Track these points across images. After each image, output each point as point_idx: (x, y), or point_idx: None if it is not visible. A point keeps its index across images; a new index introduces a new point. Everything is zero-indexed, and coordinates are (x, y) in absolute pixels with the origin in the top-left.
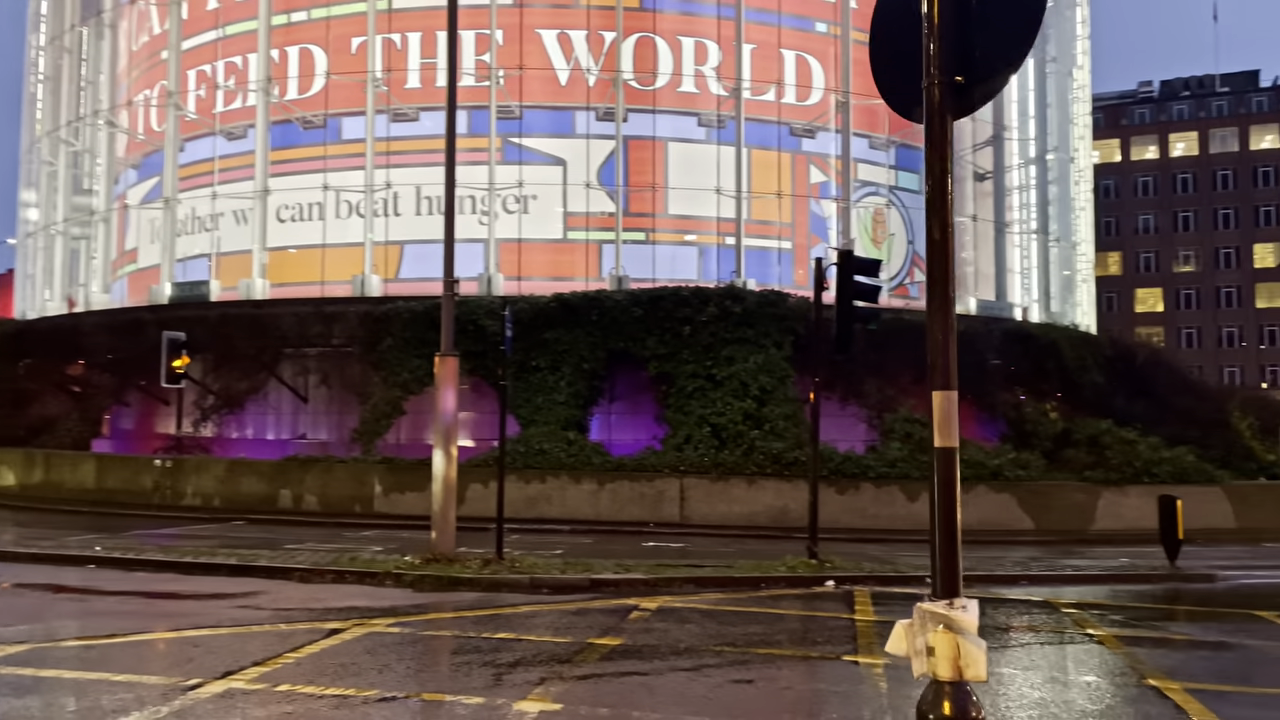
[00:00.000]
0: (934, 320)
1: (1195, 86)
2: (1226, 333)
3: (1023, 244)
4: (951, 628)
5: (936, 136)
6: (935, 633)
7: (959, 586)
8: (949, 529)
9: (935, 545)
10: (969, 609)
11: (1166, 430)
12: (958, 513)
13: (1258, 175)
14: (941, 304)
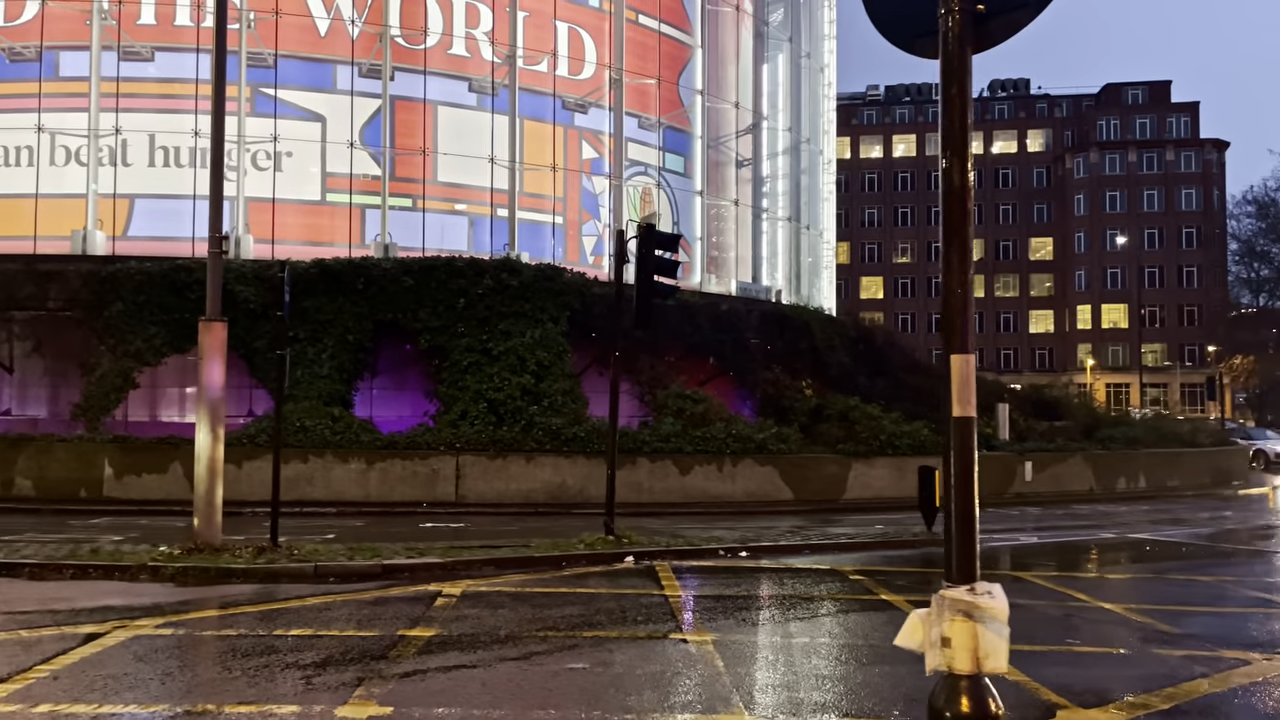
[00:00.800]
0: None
1: (915, 93)
2: (936, 319)
3: (770, 230)
4: (974, 616)
5: (955, 69)
6: (952, 622)
7: (976, 570)
8: (966, 507)
9: (951, 525)
10: (995, 594)
11: (903, 406)
12: (975, 490)
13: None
14: (960, 259)
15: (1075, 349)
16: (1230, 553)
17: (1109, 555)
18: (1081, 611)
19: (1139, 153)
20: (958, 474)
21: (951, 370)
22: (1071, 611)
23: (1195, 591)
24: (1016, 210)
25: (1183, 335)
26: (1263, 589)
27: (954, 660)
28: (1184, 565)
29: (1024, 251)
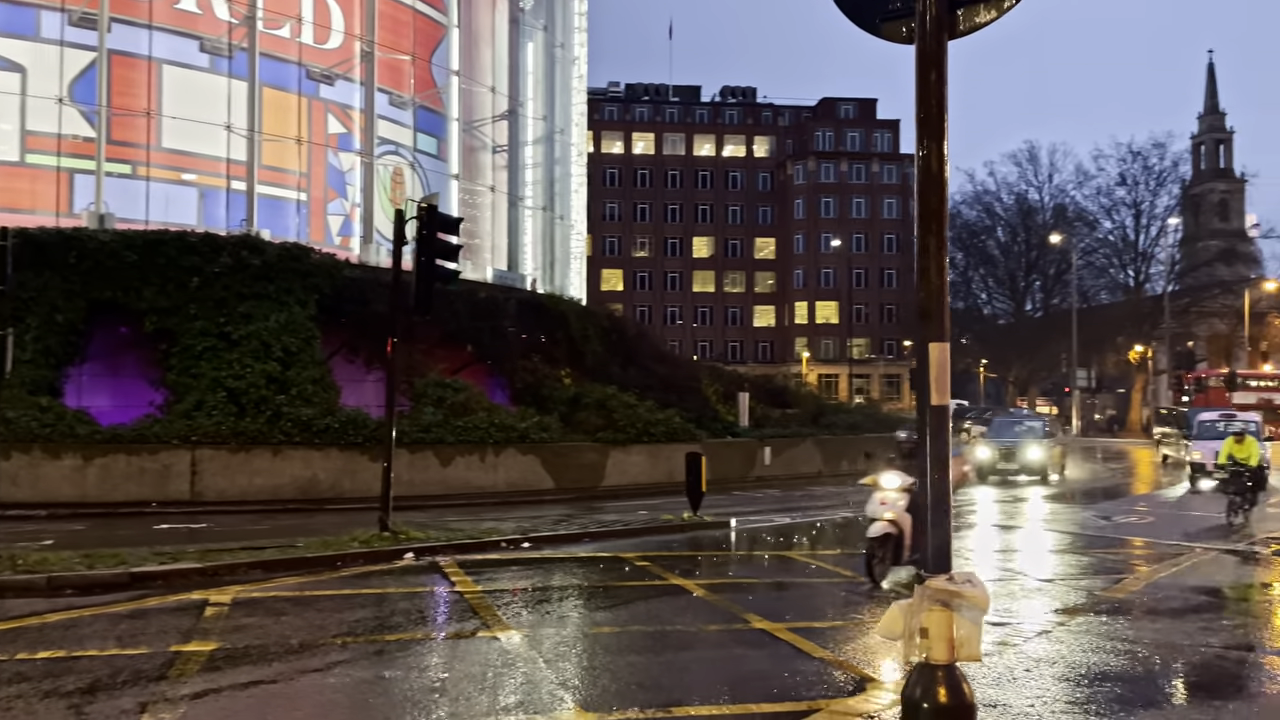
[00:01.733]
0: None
1: (653, 93)
2: (670, 311)
3: (526, 219)
4: (952, 605)
5: (932, 54)
6: (930, 612)
7: (950, 559)
8: (941, 496)
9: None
10: (976, 583)
11: (655, 395)
12: (949, 477)
13: (699, 177)
14: (938, 245)
15: (793, 342)
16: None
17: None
18: (856, 586)
19: (850, 163)
20: (933, 463)
21: (930, 358)
22: (852, 587)
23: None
24: (744, 211)
25: (884, 331)
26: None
27: (931, 650)
28: None
29: (750, 250)
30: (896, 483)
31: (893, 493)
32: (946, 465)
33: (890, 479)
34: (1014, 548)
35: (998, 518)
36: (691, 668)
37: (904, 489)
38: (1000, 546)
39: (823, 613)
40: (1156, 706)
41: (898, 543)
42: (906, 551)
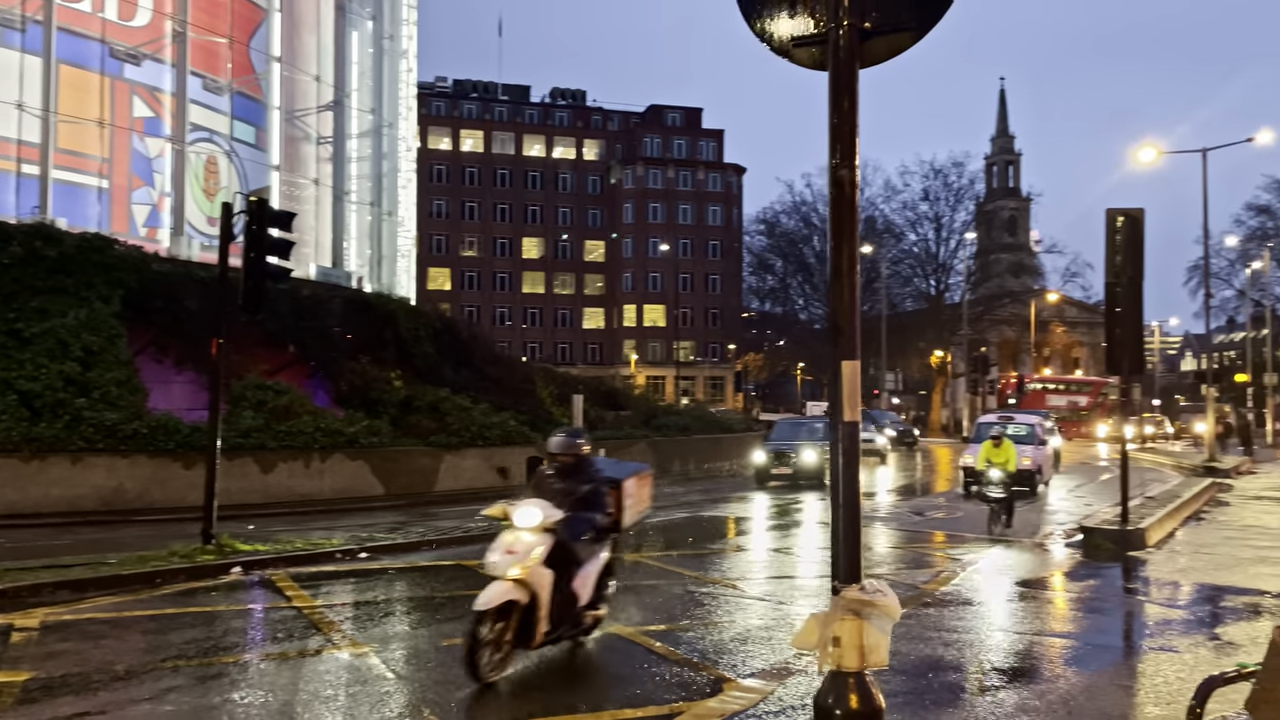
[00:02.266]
0: (842, 282)
1: (483, 90)
2: (499, 312)
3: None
4: (863, 614)
5: (845, 82)
6: (842, 621)
7: (861, 569)
8: (853, 509)
9: (838, 527)
10: (886, 593)
11: (489, 398)
12: (859, 491)
13: (528, 178)
14: (850, 265)
15: (622, 344)
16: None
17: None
18: (704, 586)
19: (677, 170)
20: (845, 477)
21: (842, 376)
22: (694, 587)
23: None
24: (573, 213)
25: (708, 334)
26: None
27: (843, 658)
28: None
29: (580, 252)
30: (535, 519)
31: (528, 535)
32: (857, 477)
33: (527, 514)
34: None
35: (775, 523)
36: (565, 677)
37: (544, 528)
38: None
39: (675, 614)
40: (983, 691)
41: (527, 617)
42: (541, 631)
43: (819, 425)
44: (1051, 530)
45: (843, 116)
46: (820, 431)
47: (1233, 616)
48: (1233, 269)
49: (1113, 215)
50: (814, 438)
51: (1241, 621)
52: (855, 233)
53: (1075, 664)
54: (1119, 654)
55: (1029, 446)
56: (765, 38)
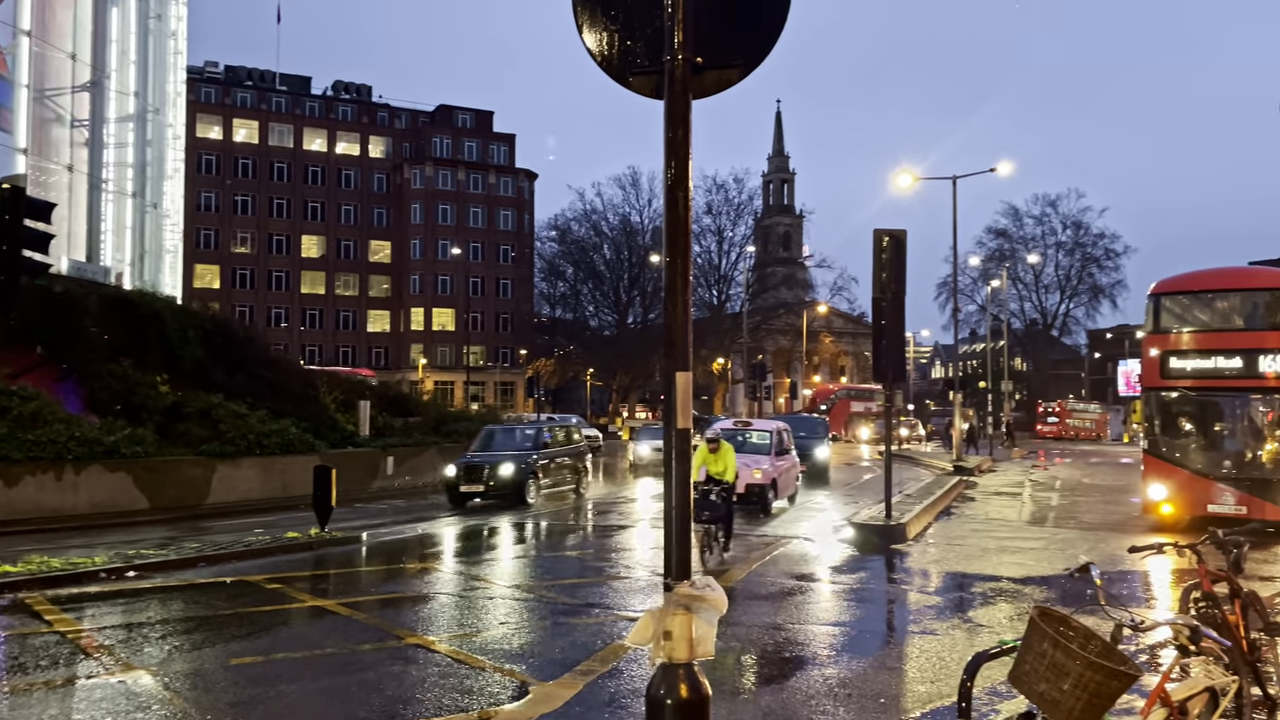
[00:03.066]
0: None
1: (258, 79)
2: (275, 312)
3: (111, 205)
4: (692, 608)
5: (679, 112)
6: (674, 616)
7: (691, 567)
8: (684, 513)
9: (671, 530)
10: (715, 588)
11: (267, 404)
12: (690, 495)
13: (309, 173)
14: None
15: (409, 348)
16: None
17: (488, 540)
18: (507, 593)
19: (467, 172)
20: (678, 481)
21: (675, 386)
22: (502, 593)
23: (571, 565)
24: (358, 212)
25: (498, 339)
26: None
27: (674, 651)
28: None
29: (364, 253)
30: None
31: None
32: (689, 483)
33: None
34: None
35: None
36: (352, 690)
37: None
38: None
39: (472, 623)
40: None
41: None
42: None
43: (530, 431)
44: (823, 526)
45: (676, 144)
46: (528, 440)
47: (980, 600)
48: (975, 286)
49: (879, 235)
50: (518, 448)
51: (988, 605)
52: (689, 252)
53: (851, 650)
54: (887, 639)
55: (764, 457)
56: (603, 65)
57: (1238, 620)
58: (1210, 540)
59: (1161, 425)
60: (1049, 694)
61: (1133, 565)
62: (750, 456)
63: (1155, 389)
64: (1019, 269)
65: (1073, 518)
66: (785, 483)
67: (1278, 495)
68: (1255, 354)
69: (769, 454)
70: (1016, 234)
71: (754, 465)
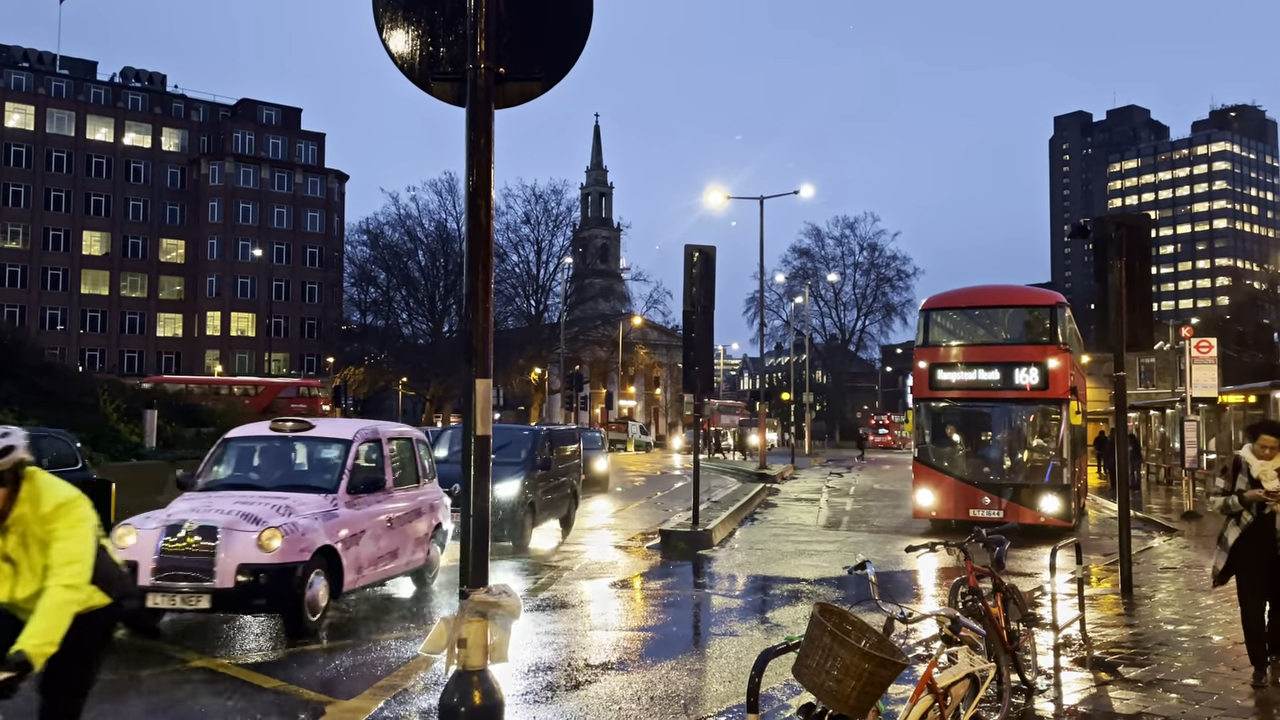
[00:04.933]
0: (476, 307)
1: (35, 60)
2: (50, 314)
3: None
4: (489, 614)
5: (482, 120)
6: (469, 623)
7: (488, 574)
8: (482, 521)
9: (468, 537)
10: (510, 594)
11: (38, 413)
12: (489, 502)
13: (92, 164)
14: (485, 290)
15: (204, 354)
16: None
17: None
18: None
19: (272, 170)
20: (476, 488)
21: (476, 394)
22: None
23: None
24: (148, 208)
25: (304, 346)
26: None
27: (469, 658)
28: None
29: (155, 252)
30: None
31: None
32: (487, 491)
33: None
34: None
35: None
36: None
37: None
38: None
39: (266, 644)
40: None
41: None
42: None
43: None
44: (636, 533)
45: (479, 153)
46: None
47: (779, 601)
48: (781, 302)
49: (690, 250)
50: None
51: (786, 605)
52: (490, 261)
53: (656, 653)
54: (691, 641)
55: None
56: (405, 69)
57: (999, 612)
58: (976, 539)
59: (930, 434)
60: (827, 684)
61: (911, 564)
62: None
63: (924, 399)
64: (820, 287)
65: (864, 521)
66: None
67: (1033, 500)
68: (1012, 366)
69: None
70: (819, 253)
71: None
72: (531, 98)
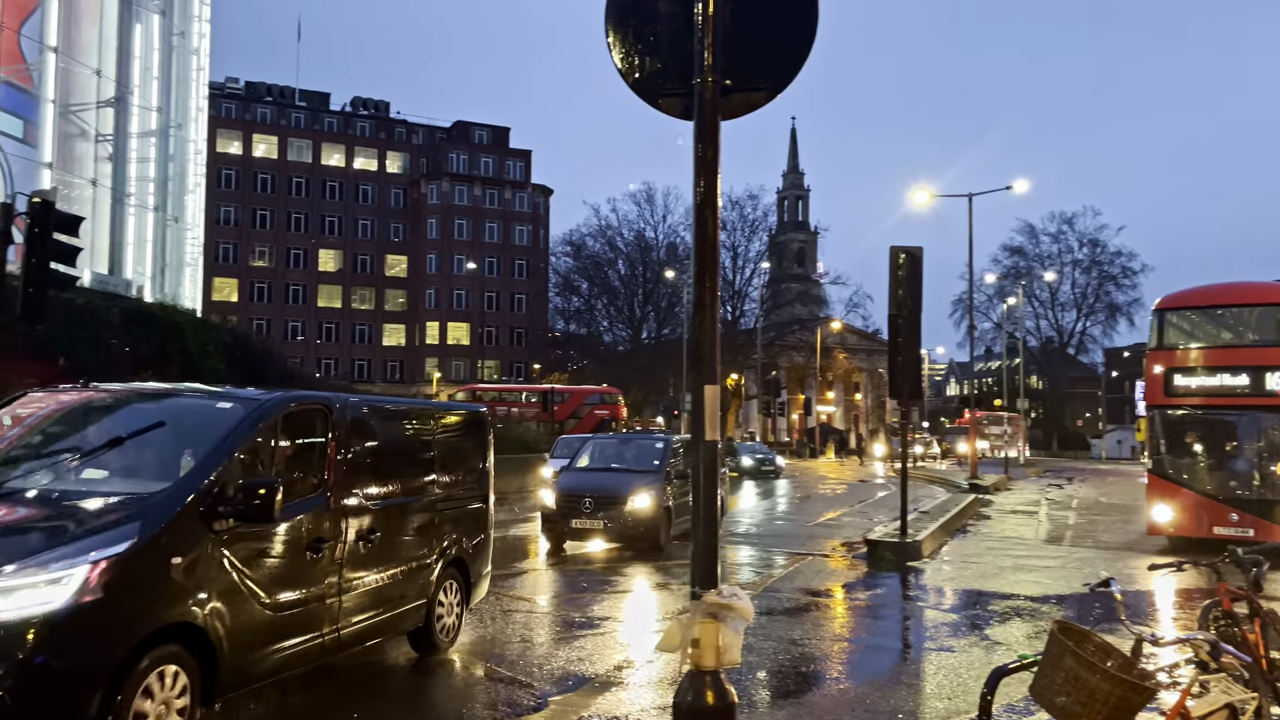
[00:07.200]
0: (704, 314)
1: (278, 95)
2: (292, 326)
3: (133, 218)
4: (720, 616)
5: (709, 132)
6: (701, 624)
7: (718, 576)
8: (710, 522)
9: (698, 538)
10: (741, 597)
11: None
12: (716, 506)
13: (327, 188)
14: (711, 298)
15: (424, 362)
16: None
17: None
18: (520, 606)
19: (483, 188)
20: (705, 492)
21: (705, 399)
22: (514, 606)
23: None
24: (375, 226)
25: (513, 354)
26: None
27: (701, 658)
28: None
29: (380, 267)
30: None
31: None
32: (715, 491)
33: None
34: None
35: None
36: (380, 698)
37: None
38: None
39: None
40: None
41: None
42: None
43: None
44: (839, 543)
45: (705, 163)
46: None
47: (998, 618)
48: (991, 304)
49: (896, 252)
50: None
51: (1006, 623)
52: (717, 268)
53: (866, 665)
54: (903, 655)
55: None
56: (635, 87)
57: (1257, 639)
58: (1230, 558)
59: (1167, 444)
60: (1069, 708)
61: (1146, 583)
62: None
63: (1159, 406)
64: (1035, 286)
65: (1089, 536)
66: None
67: None
68: (1262, 371)
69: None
70: (1033, 252)
71: None
72: (756, 107)
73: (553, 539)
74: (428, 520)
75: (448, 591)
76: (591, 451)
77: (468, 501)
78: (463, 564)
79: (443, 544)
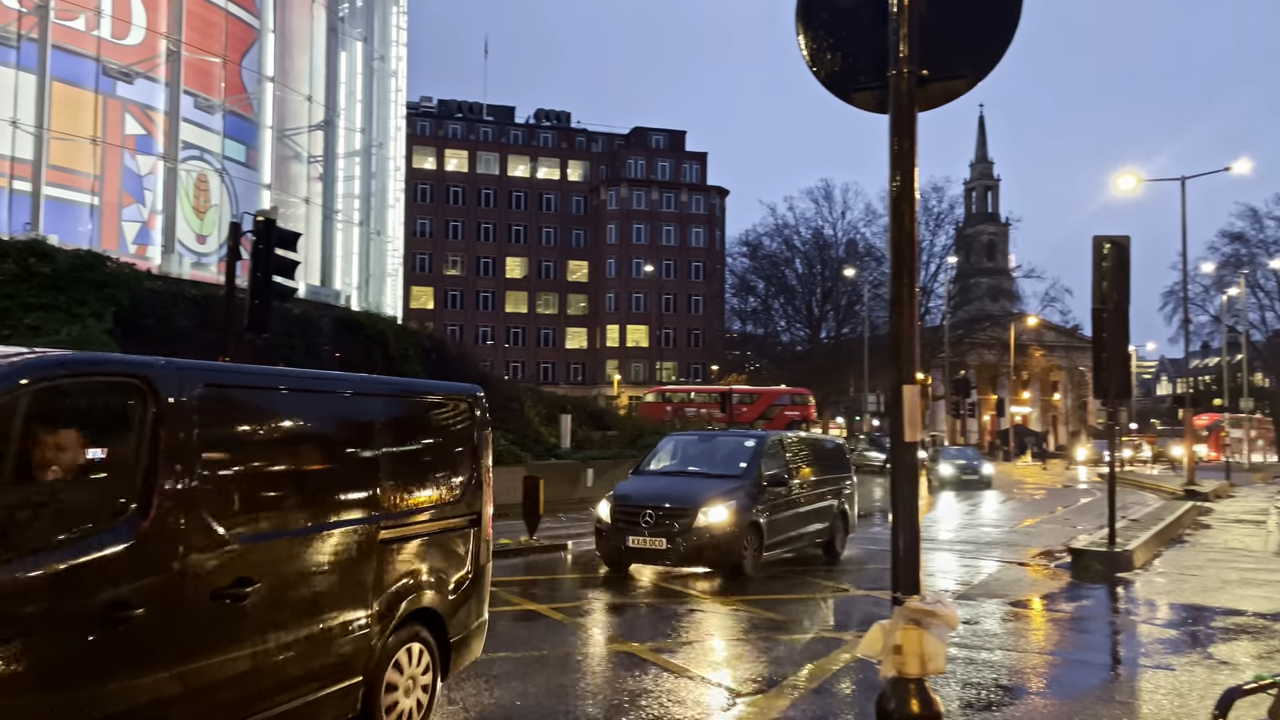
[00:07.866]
0: (902, 313)
1: (467, 110)
2: (482, 331)
3: (341, 233)
4: (923, 623)
5: (904, 125)
6: (904, 630)
7: (920, 581)
8: (911, 527)
9: (899, 543)
10: (946, 604)
11: None
12: (917, 509)
13: (513, 198)
14: (910, 296)
15: (604, 364)
16: None
17: None
18: (696, 603)
19: (660, 192)
20: (904, 492)
21: (903, 399)
22: (695, 604)
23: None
24: (557, 233)
25: (690, 355)
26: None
27: (905, 665)
28: None
29: (563, 272)
30: None
31: None
32: (916, 494)
33: None
34: None
35: None
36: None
37: None
38: None
39: (684, 632)
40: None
41: None
42: None
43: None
44: (1039, 551)
45: (902, 158)
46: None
47: (1222, 635)
48: (1207, 295)
49: (1099, 242)
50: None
51: (1231, 640)
52: (915, 264)
53: (1073, 681)
54: (1118, 671)
55: None
56: (828, 84)
57: None
58: None
59: None
60: None
61: None
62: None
63: None
64: (1259, 275)
65: None
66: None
67: None
68: None
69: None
70: (1255, 238)
71: None
72: (956, 96)
73: (609, 559)
74: (365, 556)
75: (406, 661)
76: (669, 452)
77: (447, 525)
78: (435, 617)
79: (394, 590)
